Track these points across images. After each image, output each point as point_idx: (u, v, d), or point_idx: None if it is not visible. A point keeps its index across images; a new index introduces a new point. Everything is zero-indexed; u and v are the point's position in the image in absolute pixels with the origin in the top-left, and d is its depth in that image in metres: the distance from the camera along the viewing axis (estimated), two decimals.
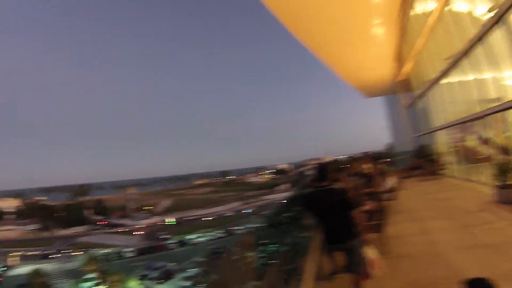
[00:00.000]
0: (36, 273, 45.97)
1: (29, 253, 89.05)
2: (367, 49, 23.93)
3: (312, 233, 6.56)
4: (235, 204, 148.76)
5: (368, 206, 7.71)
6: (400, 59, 27.10)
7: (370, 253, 4.75)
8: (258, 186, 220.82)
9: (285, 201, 7.22)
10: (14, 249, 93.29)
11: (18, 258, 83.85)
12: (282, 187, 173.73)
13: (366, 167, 10.55)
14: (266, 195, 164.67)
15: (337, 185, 5.37)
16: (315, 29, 19.39)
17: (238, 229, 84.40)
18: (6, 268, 72.77)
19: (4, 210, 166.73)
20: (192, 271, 51.03)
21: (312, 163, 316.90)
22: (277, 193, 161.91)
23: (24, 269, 67.45)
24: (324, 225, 5.01)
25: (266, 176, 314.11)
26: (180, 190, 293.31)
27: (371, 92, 38.12)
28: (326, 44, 21.86)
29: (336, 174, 6.44)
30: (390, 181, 10.94)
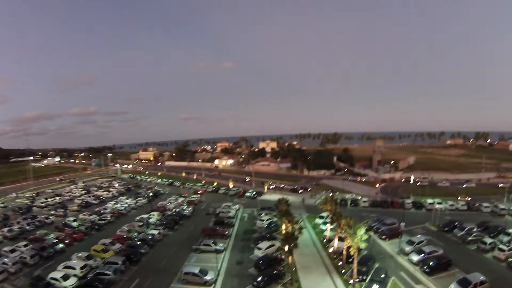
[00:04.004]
0: (282, 201, 54.87)
1: (280, 185, 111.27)
2: None
3: None
4: (487, 175, 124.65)
5: None
6: None
7: None
8: None
9: None
10: (269, 180, 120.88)
11: (270, 187, 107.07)
12: None
13: None
14: None
15: None
16: None
17: (486, 207, 71.92)
18: (255, 193, 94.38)
19: (265, 150, 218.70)
20: (418, 238, 49.37)
21: None
22: None
23: (273, 196, 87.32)
24: None
25: None
26: (428, 148, 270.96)
27: None
28: None
29: None
30: None
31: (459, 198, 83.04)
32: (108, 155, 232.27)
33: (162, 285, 38.78)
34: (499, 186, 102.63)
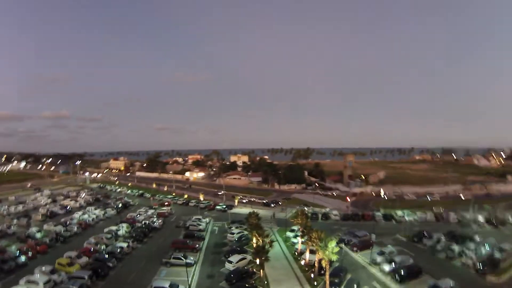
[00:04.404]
0: (253, 215, 56.45)
1: (251, 199, 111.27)
2: None
3: None
4: (452, 187, 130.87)
5: None
6: None
7: None
8: (486, 171, 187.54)
9: None
10: (239, 193, 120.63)
11: (241, 201, 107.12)
12: None
13: None
14: (495, 183, 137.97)
15: None
16: None
17: (453, 217, 75.93)
18: (226, 206, 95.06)
19: (236, 164, 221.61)
20: (389, 248, 50.62)
21: None
22: (510, 183, 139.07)
23: (244, 210, 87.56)
24: None
25: (496, 160, 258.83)
26: (398, 163, 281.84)
27: None
28: None
29: None
30: None
31: (434, 208, 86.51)
32: (77, 162, 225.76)
33: None
34: (462, 198, 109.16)
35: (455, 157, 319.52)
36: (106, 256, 50.24)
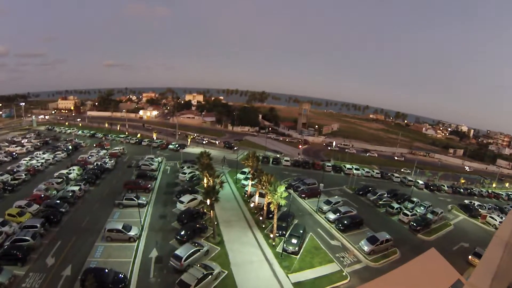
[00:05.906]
0: (204, 154, 56.64)
1: (204, 139, 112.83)
2: None
3: None
4: (400, 150, 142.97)
5: None
6: None
7: None
8: (432, 141, 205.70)
9: None
10: (192, 133, 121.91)
11: (193, 140, 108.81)
12: (456, 151, 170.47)
13: None
14: (436, 153, 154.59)
15: None
16: None
17: (396, 177, 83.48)
18: (178, 146, 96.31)
19: (191, 103, 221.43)
20: (335, 199, 55.42)
21: (500, 138, 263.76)
22: (449, 155, 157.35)
23: (196, 149, 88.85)
24: None
25: (442, 132, 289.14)
26: (352, 118, 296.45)
27: None
28: None
29: None
30: None
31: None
32: (21, 104, 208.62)
33: (86, 245, 38.14)
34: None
35: (406, 122, 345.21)
36: (58, 201, 49.60)
